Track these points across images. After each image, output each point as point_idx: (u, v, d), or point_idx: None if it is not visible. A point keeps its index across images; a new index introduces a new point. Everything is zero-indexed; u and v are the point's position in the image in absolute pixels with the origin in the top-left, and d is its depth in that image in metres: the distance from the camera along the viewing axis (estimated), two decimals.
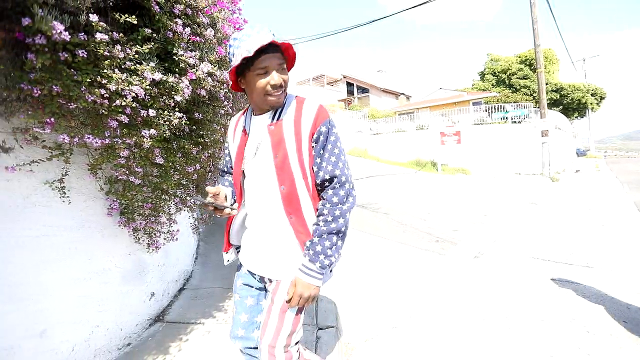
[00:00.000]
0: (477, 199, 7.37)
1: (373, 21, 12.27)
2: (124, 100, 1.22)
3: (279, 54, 1.00)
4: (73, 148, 1.49)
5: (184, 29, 1.38)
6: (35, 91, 1.10)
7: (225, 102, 1.82)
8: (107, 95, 1.19)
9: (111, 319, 1.93)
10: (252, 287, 1.21)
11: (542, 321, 2.25)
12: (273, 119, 1.07)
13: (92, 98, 1.17)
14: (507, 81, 25.82)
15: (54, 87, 1.10)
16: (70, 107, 1.22)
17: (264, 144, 1.06)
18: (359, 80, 28.58)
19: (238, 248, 1.29)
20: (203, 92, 1.52)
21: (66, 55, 1.12)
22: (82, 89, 1.15)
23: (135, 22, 1.24)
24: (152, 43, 1.32)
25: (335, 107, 23.91)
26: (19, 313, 1.47)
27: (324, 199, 1.05)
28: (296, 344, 1.14)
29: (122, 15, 1.23)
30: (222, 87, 1.66)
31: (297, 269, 1.05)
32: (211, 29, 1.49)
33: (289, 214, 1.06)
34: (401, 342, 2.09)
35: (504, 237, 4.34)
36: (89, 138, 1.29)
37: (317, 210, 1.06)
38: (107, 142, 1.33)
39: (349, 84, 29.14)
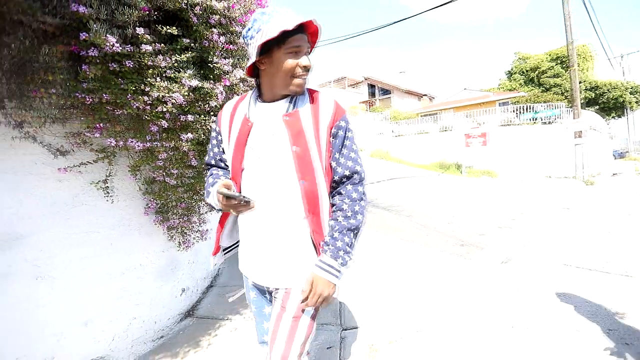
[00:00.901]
0: (505, 203, 7.12)
1: (395, 22, 12.19)
2: (165, 107, 1.31)
3: (306, 37, 0.95)
4: (116, 151, 1.61)
5: (219, 38, 1.46)
6: (88, 99, 1.20)
7: None
8: (150, 102, 1.28)
9: (146, 313, 2.04)
10: (264, 296, 1.14)
11: (577, 331, 2.15)
12: (289, 108, 0.98)
13: (137, 105, 1.26)
14: (536, 80, 24.77)
15: (105, 95, 1.19)
16: (116, 113, 1.32)
17: (279, 135, 0.97)
18: (380, 81, 28.36)
19: (225, 249, 1.19)
20: (234, 95, 1.60)
21: (115, 66, 1.22)
22: (128, 97, 1.24)
23: (176, 33, 1.33)
24: (190, 52, 1.40)
25: (357, 109, 23.84)
26: (66, 303, 1.60)
27: (341, 194, 1.01)
28: (308, 353, 1.07)
29: (164, 27, 1.32)
30: (251, 88, 1.73)
31: (315, 266, 0.99)
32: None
33: (308, 212, 0.98)
34: (425, 346, 2.06)
35: (534, 242, 4.17)
36: (132, 142, 1.39)
37: (335, 205, 1.02)
38: (147, 146, 1.43)
39: (371, 86, 28.98)
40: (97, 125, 1.29)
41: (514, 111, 15.43)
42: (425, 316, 2.42)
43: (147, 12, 1.25)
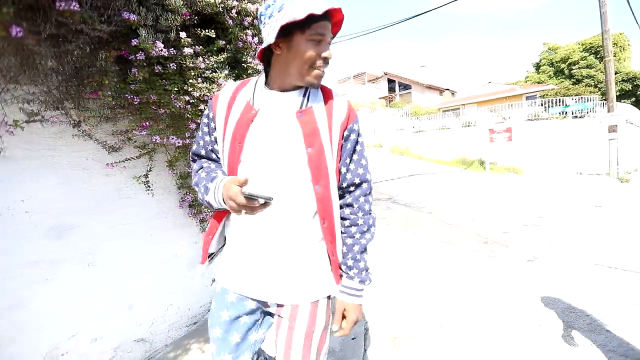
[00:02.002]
0: (531, 200, 6.90)
1: (416, 16, 11.92)
2: (205, 105, 1.39)
3: (330, 26, 0.86)
4: (156, 147, 1.72)
5: (252, 39, 1.53)
6: (136, 99, 1.30)
7: None
8: (191, 101, 1.37)
9: (180, 300, 2.17)
10: (240, 317, 0.95)
11: (607, 332, 2.10)
12: (303, 103, 0.89)
13: (179, 104, 1.35)
14: (567, 72, 23.58)
15: (152, 96, 1.29)
16: (159, 112, 1.42)
17: (290, 132, 0.87)
18: (400, 76, 27.89)
19: (210, 256, 1.02)
20: None
21: (159, 68, 1.31)
22: (172, 97, 1.33)
23: (213, 36, 1.40)
24: (226, 53, 1.48)
25: (376, 104, 23.60)
26: (112, 289, 1.73)
27: (353, 207, 0.94)
28: None
29: (203, 30, 1.40)
30: None
31: (344, 294, 0.93)
32: None
33: (322, 219, 0.90)
34: (449, 340, 2.08)
35: (562, 240, 4.04)
36: (172, 139, 1.49)
37: (348, 219, 0.95)
38: (187, 142, 1.52)
39: (390, 81, 28.56)
40: (143, 123, 1.39)
41: (542, 105, 14.81)
42: (448, 312, 2.42)
43: (188, 17, 1.33)
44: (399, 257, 3.59)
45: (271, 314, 0.99)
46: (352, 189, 0.95)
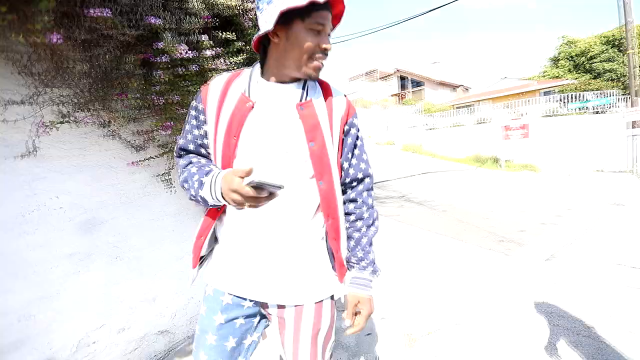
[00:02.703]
0: (548, 198, 6.74)
1: (428, 11, 11.76)
2: None
3: (331, 17, 0.83)
4: None
5: None
6: (160, 100, 1.36)
7: None
8: None
9: (201, 294, 2.24)
10: (236, 319, 0.90)
11: (630, 332, 2.06)
12: (303, 96, 0.85)
13: None
14: (587, 66, 22.82)
15: (176, 96, 1.34)
16: (181, 112, 1.47)
17: (291, 125, 0.84)
18: (412, 73, 27.59)
19: (200, 259, 0.95)
20: None
21: (181, 70, 1.36)
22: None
23: (234, 38, 1.45)
24: (244, 54, 1.52)
25: (388, 102, 23.43)
26: (138, 281, 1.81)
27: (356, 201, 0.95)
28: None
29: (222, 33, 1.44)
30: None
31: (358, 286, 0.92)
32: None
33: (327, 216, 0.88)
34: (464, 338, 2.08)
35: (582, 239, 3.95)
36: None
37: (353, 213, 0.94)
38: None
39: (402, 78, 28.28)
40: (166, 123, 1.45)
41: (559, 100, 14.40)
42: (464, 310, 2.42)
43: (208, 20, 1.38)
44: (412, 254, 3.59)
45: (267, 316, 0.94)
46: (354, 184, 0.95)
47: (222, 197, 0.74)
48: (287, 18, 0.76)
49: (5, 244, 1.26)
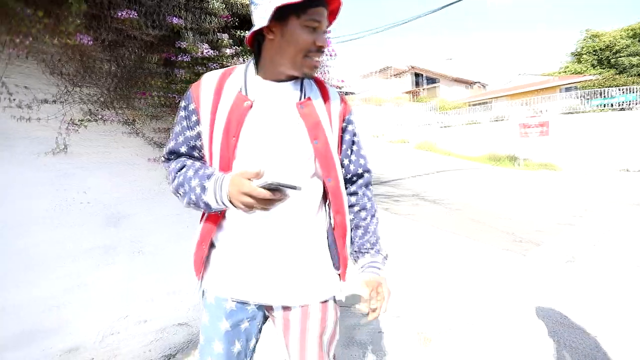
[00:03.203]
0: (568, 198, 6.55)
1: (444, 7, 11.53)
2: None
3: (327, 14, 0.82)
4: None
5: None
6: (178, 98, 1.39)
7: None
8: None
9: None
10: (241, 323, 0.88)
11: None
12: (301, 95, 0.85)
13: None
14: (611, 60, 21.94)
15: None
16: None
17: (293, 124, 0.83)
18: (426, 70, 27.18)
19: None
20: None
21: (202, 69, 1.39)
22: None
23: None
24: None
25: (402, 99, 23.18)
26: (157, 275, 1.86)
27: (358, 194, 0.97)
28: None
29: (242, 31, 1.47)
30: None
31: (376, 269, 0.93)
32: None
33: (336, 213, 0.89)
34: (479, 339, 2.06)
35: (604, 241, 3.83)
36: None
37: (357, 204, 0.96)
38: None
39: (416, 75, 27.90)
40: None
41: (581, 97, 13.92)
42: (479, 310, 2.39)
43: (227, 20, 1.40)
44: (426, 253, 3.56)
45: (271, 319, 0.93)
46: (355, 179, 0.96)
47: (230, 201, 0.71)
48: (282, 14, 0.75)
49: (36, 236, 1.32)
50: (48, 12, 0.90)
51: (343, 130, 0.93)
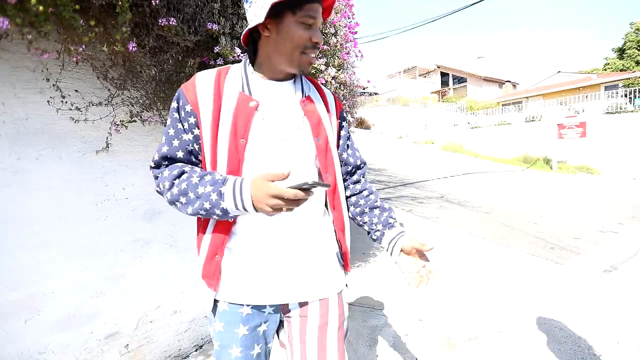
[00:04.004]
0: (608, 204, 6.14)
1: (473, 4, 11.15)
2: None
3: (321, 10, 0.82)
4: None
5: None
6: None
7: (344, 102, 2.03)
8: None
9: None
10: (259, 326, 0.87)
11: None
12: (302, 94, 0.87)
13: None
14: None
15: None
16: None
17: (298, 123, 0.84)
18: (454, 69, 26.40)
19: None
20: None
21: None
22: None
23: None
24: None
25: (428, 99, 22.67)
26: (189, 269, 1.95)
27: (361, 181, 1.01)
28: None
29: None
30: (342, 89, 1.86)
31: (406, 232, 0.96)
32: (335, 38, 1.69)
33: (333, 209, 0.91)
34: (507, 347, 1.98)
35: None
36: None
37: (365, 189, 1.00)
38: None
39: (444, 74, 27.18)
40: None
41: (624, 95, 12.98)
42: (508, 318, 2.30)
43: None
44: (451, 257, 3.47)
45: (286, 320, 0.92)
46: (354, 170, 1.01)
47: (253, 204, 0.70)
48: (278, 11, 0.75)
49: (83, 228, 1.43)
50: (99, 21, 0.98)
51: (340, 127, 0.97)
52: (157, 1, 1.07)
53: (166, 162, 0.82)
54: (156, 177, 0.82)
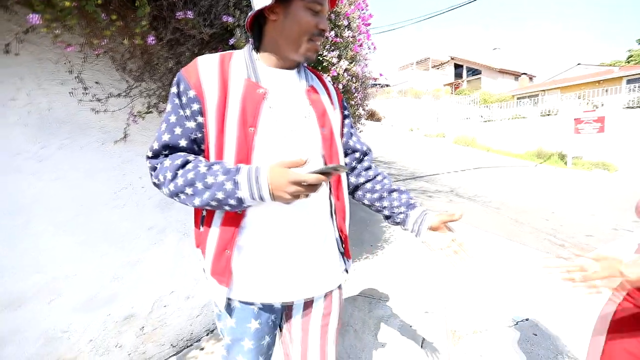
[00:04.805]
0: (624, 201, 5.99)
1: None
2: None
3: None
4: None
5: (329, 33, 1.61)
6: None
7: (356, 94, 2.03)
8: None
9: None
10: (269, 319, 0.89)
11: None
12: (306, 82, 0.86)
13: None
14: None
15: None
16: None
17: (305, 112, 0.83)
18: (468, 61, 25.78)
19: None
20: (340, 86, 1.75)
21: None
22: None
23: None
24: None
25: (441, 91, 22.27)
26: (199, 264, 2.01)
27: (372, 167, 1.02)
28: None
29: None
30: (353, 81, 1.86)
31: (426, 208, 0.98)
32: (348, 30, 1.69)
33: (337, 199, 0.90)
34: (512, 341, 2.00)
35: None
36: None
37: (379, 174, 1.01)
38: None
39: (457, 66, 26.58)
40: None
41: None
42: (517, 313, 2.31)
43: None
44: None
45: (288, 315, 0.93)
46: (363, 156, 1.01)
47: (271, 193, 0.69)
48: None
49: (103, 215, 1.49)
50: (120, 15, 1.01)
51: (344, 117, 0.97)
52: None
53: (166, 152, 0.76)
54: (154, 168, 0.77)
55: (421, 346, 1.97)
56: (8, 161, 1.15)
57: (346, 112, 0.99)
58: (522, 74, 26.90)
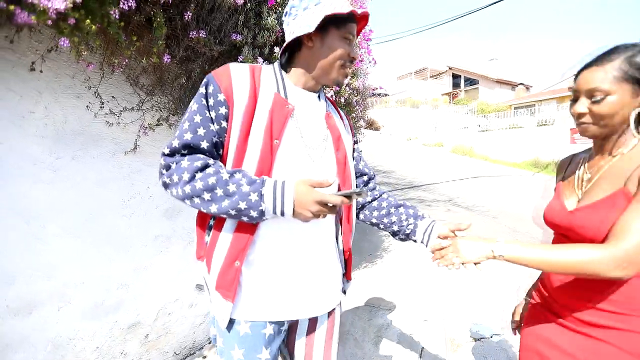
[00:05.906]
0: None
1: (488, 6, 11.06)
2: None
3: None
4: None
5: None
6: None
7: (357, 107, 2.10)
8: None
9: None
10: (278, 347, 0.87)
11: None
12: (326, 107, 0.92)
13: None
14: None
15: None
16: None
17: (323, 134, 0.87)
18: (466, 71, 26.16)
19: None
20: (342, 100, 1.82)
21: None
22: None
23: None
24: None
25: (439, 101, 22.54)
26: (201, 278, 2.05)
27: (377, 188, 1.10)
28: None
29: None
30: (355, 95, 1.93)
31: (435, 219, 1.04)
32: None
33: (347, 221, 0.94)
34: (511, 349, 2.03)
35: None
36: None
37: (382, 193, 1.08)
38: None
39: (455, 76, 26.97)
40: None
41: None
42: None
43: (277, 34, 1.53)
44: None
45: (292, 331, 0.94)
46: (369, 180, 1.08)
47: (292, 209, 0.70)
48: (325, 24, 0.79)
49: (112, 223, 1.53)
50: (138, 35, 1.07)
51: (354, 142, 1.04)
52: (189, 16, 1.16)
53: (185, 151, 0.74)
54: (167, 167, 0.73)
55: (420, 354, 2.00)
56: (26, 171, 1.20)
57: (355, 138, 1.06)
58: (519, 84, 27.28)
